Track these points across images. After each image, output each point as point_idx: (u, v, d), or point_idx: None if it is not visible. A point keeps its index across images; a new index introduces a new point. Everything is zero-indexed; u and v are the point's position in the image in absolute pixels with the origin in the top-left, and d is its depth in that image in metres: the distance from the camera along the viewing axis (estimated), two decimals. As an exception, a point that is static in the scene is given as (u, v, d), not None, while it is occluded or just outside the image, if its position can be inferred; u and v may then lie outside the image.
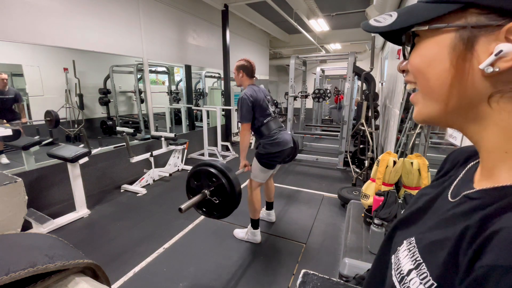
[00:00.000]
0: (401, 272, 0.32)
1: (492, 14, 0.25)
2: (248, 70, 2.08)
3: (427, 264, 0.29)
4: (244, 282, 1.80)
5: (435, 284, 0.26)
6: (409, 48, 0.33)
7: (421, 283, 0.28)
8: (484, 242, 0.23)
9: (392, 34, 0.34)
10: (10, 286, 0.38)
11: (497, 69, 0.25)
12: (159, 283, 1.78)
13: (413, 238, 0.34)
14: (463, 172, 0.37)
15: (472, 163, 0.37)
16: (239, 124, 2.11)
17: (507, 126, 0.27)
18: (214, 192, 1.39)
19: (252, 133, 2.13)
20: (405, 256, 0.33)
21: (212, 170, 1.37)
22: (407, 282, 0.30)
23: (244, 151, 2.07)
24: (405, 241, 0.35)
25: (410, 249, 0.33)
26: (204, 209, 1.46)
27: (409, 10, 0.31)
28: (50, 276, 0.43)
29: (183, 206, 1.26)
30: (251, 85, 2.09)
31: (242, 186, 3.42)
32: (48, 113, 3.30)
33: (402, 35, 0.33)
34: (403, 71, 0.35)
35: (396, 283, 0.32)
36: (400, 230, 0.40)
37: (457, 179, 0.37)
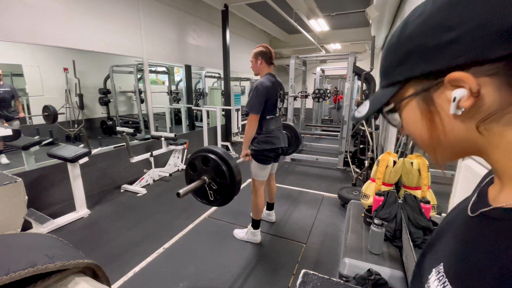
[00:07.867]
0: None
1: (430, 77, 0.30)
2: (267, 56, 1.99)
3: None
4: (244, 282, 1.80)
5: None
6: (395, 117, 0.39)
7: None
8: None
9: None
10: (10, 286, 0.38)
11: (463, 109, 0.29)
12: (159, 283, 1.79)
13: (441, 266, 0.33)
14: (481, 186, 0.38)
15: (489, 178, 0.38)
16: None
17: (505, 146, 0.29)
18: (214, 179, 1.37)
19: None
20: (436, 287, 0.32)
21: (213, 156, 1.35)
22: None
23: (247, 142, 2.02)
24: (433, 270, 0.34)
25: (440, 278, 0.32)
26: (202, 196, 1.44)
27: (375, 98, 0.40)
28: (50, 276, 0.43)
29: (181, 191, 1.22)
30: (269, 75, 2.01)
31: (243, 185, 3.43)
32: (46, 108, 3.29)
33: (383, 113, 0.40)
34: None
35: None
36: (428, 254, 0.39)
37: (475, 194, 0.38)
